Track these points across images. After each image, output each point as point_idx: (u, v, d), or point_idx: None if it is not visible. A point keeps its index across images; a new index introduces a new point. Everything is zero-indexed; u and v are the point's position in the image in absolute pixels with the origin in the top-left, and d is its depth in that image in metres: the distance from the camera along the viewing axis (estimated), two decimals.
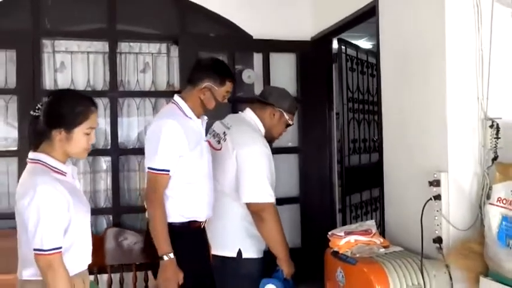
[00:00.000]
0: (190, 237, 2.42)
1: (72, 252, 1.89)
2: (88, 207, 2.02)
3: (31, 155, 1.92)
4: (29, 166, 1.91)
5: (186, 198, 2.38)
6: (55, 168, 1.90)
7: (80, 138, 1.91)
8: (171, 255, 2.29)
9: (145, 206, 2.42)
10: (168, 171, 2.32)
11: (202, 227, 2.49)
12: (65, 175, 1.92)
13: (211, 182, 2.49)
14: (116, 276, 3.35)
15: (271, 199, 2.48)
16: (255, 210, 2.48)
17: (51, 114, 1.89)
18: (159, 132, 2.31)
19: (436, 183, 2.25)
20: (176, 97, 2.46)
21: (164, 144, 2.30)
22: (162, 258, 2.28)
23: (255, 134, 2.59)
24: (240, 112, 2.79)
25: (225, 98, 2.50)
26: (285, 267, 2.51)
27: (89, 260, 2.01)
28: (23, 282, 1.85)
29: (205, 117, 2.52)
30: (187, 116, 2.41)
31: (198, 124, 2.46)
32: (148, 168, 2.33)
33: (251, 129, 2.61)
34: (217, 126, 2.71)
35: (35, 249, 1.79)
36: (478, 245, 2.13)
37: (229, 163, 2.51)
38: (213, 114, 2.58)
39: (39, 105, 1.94)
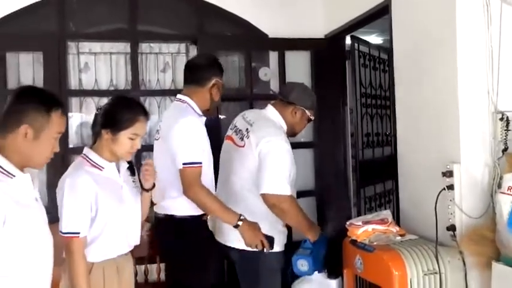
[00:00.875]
0: (203, 230, 2.56)
1: (101, 240, 2.06)
2: (124, 200, 2.14)
3: (84, 149, 2.13)
4: (77, 158, 2.13)
5: None
6: (94, 162, 2.08)
7: (124, 141, 2.08)
8: (242, 217, 2.44)
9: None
10: (201, 163, 2.46)
11: (205, 219, 2.60)
12: (101, 169, 2.08)
13: (213, 175, 2.63)
14: (140, 268, 3.51)
15: (289, 192, 2.58)
16: (273, 203, 2.55)
17: (105, 116, 2.10)
18: (187, 129, 2.44)
19: (449, 173, 2.36)
20: (184, 97, 2.60)
21: (193, 139, 2.45)
22: (237, 225, 2.43)
23: (278, 130, 2.69)
24: (254, 108, 2.91)
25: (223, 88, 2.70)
26: (310, 235, 2.69)
27: (124, 250, 2.16)
28: (64, 259, 2.04)
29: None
30: (198, 114, 2.57)
31: (204, 121, 2.62)
32: (188, 163, 2.42)
33: (273, 125, 2.72)
34: (239, 122, 2.80)
35: (59, 231, 2.00)
36: (490, 231, 2.24)
37: (251, 159, 2.61)
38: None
39: (101, 106, 2.16)
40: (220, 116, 2.72)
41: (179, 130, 2.45)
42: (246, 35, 3.85)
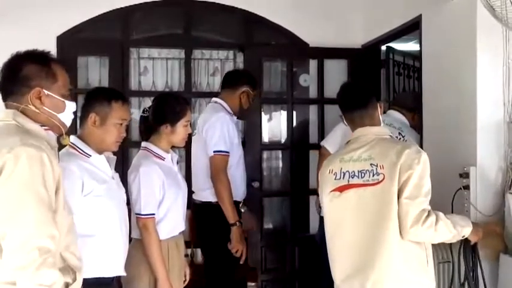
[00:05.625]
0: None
1: (167, 220, 2.41)
2: (181, 186, 2.53)
3: (142, 144, 2.50)
4: (139, 152, 2.50)
5: (231, 181, 2.96)
6: (156, 154, 2.45)
7: (181, 130, 2.46)
8: (238, 223, 2.92)
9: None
10: (229, 152, 2.95)
11: (240, 207, 3.08)
12: (163, 160, 2.45)
13: (244, 170, 3.15)
14: (187, 251, 3.91)
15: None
16: None
17: (159, 114, 2.46)
18: (218, 122, 2.94)
19: (465, 175, 2.62)
20: (219, 99, 3.12)
21: (224, 131, 2.93)
22: (235, 224, 2.88)
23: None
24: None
25: (254, 101, 3.27)
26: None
27: (182, 228, 2.53)
28: (134, 240, 2.41)
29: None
30: (229, 113, 3.06)
31: (236, 120, 3.14)
32: (217, 151, 2.92)
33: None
34: None
35: (136, 214, 2.35)
36: (499, 227, 2.52)
37: None
38: None
39: (146, 108, 2.53)
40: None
41: (212, 123, 2.95)
42: (288, 44, 4.18)
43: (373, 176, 2.04)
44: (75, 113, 1.73)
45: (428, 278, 2.06)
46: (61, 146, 1.81)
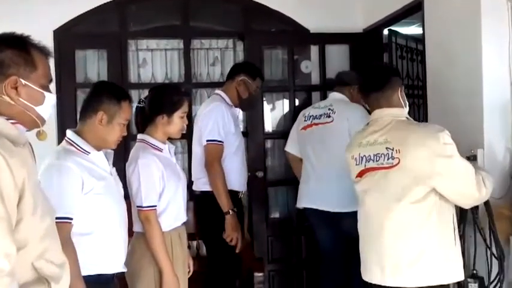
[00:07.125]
0: (235, 205, 2.99)
1: (168, 211, 2.38)
2: (180, 177, 2.49)
3: (138, 136, 2.46)
4: (136, 144, 2.45)
5: (228, 171, 2.97)
6: (154, 145, 2.41)
7: (177, 121, 2.41)
8: (232, 211, 2.91)
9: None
10: (223, 142, 2.94)
11: (240, 197, 3.09)
12: (161, 151, 2.41)
13: (245, 160, 3.16)
14: (192, 243, 3.87)
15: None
16: None
17: (154, 104, 2.41)
18: (213, 112, 2.95)
19: (473, 157, 2.55)
20: (218, 91, 3.14)
21: (218, 120, 2.92)
22: (228, 212, 2.87)
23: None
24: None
25: (256, 91, 3.21)
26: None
27: (183, 219, 2.50)
28: (136, 234, 2.38)
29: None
30: (228, 104, 3.05)
31: (237, 111, 3.15)
32: (210, 140, 2.92)
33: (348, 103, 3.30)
34: (313, 111, 3.25)
35: (137, 206, 2.32)
36: (508, 210, 2.47)
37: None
38: None
39: (143, 98, 2.47)
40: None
41: (207, 112, 2.97)
42: (289, 31, 4.11)
43: (387, 159, 2.09)
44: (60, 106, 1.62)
45: (457, 256, 2.10)
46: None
